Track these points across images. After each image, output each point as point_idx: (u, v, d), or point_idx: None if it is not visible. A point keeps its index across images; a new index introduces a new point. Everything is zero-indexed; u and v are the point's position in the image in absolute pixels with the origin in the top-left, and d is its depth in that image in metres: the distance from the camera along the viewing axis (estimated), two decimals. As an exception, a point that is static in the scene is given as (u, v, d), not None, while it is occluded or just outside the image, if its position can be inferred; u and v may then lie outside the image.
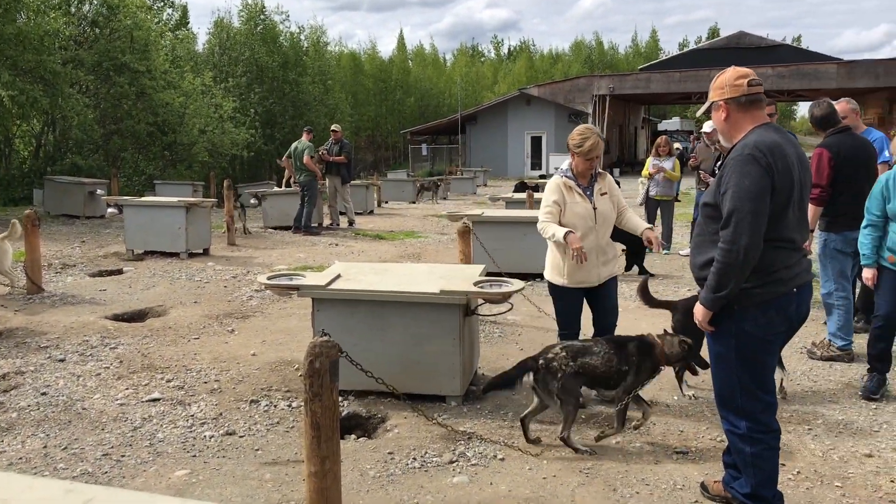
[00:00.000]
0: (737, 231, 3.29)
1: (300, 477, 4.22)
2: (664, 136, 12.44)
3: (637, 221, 5.26)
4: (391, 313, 5.22)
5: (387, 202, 23.23)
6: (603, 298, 5.20)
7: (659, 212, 11.94)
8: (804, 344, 6.50)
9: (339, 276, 5.53)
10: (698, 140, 10.51)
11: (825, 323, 6.58)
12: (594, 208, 5.06)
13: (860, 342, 6.33)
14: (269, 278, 5.61)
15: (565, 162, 5.21)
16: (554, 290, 5.25)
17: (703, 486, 3.96)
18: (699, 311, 3.53)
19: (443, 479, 4.19)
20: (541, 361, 4.49)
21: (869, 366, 5.49)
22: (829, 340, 6.25)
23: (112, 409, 5.26)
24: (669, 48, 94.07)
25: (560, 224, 5.00)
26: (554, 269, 5.20)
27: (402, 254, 12.28)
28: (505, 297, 5.09)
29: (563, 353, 4.48)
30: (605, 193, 5.15)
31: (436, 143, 48.98)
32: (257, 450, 4.63)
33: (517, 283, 5.23)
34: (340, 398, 5.35)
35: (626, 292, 8.43)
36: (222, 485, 4.15)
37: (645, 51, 79.85)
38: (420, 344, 5.15)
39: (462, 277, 5.46)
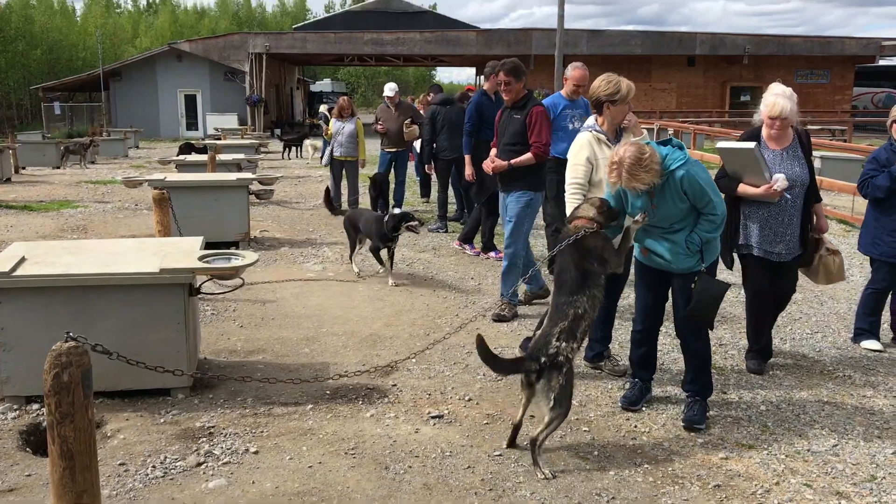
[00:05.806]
0: None
1: (11, 513, 3.41)
2: (345, 98, 12.33)
3: None
4: (99, 300, 4.42)
5: (24, 168, 20.28)
6: None
7: (344, 172, 11.85)
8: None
9: (24, 260, 4.55)
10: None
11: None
12: None
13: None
14: (-76, 268, 4.43)
15: (590, 118, 4.79)
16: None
17: None
18: None
19: (195, 485, 3.66)
20: (543, 360, 3.79)
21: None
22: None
23: None
24: (317, 9, 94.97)
25: (590, 183, 4.64)
26: None
27: (64, 227, 10.73)
28: (238, 271, 4.58)
29: (565, 345, 3.83)
30: None
31: (73, 100, 43.93)
32: (-62, 486, 3.65)
33: (249, 255, 4.74)
34: (24, 406, 4.47)
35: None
36: None
37: (293, 10, 79.41)
38: (138, 333, 4.43)
39: (181, 252, 4.81)
